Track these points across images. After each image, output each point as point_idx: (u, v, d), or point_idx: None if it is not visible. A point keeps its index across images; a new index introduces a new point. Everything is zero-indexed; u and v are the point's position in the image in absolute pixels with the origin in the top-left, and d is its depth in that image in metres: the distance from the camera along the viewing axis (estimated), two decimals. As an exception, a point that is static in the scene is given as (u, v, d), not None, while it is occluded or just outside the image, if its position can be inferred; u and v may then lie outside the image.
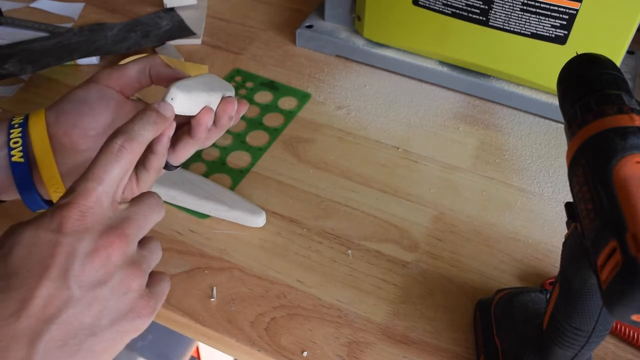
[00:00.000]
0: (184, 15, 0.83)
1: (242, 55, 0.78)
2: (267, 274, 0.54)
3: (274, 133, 0.68)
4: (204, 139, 0.44)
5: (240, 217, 0.57)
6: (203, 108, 0.42)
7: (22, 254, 0.31)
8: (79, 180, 0.34)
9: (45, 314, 0.31)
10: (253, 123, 0.69)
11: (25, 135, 0.43)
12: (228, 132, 0.67)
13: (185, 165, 0.64)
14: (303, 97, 0.72)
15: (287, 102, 0.72)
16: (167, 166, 0.45)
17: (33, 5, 0.86)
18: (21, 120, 0.44)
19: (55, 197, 0.44)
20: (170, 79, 0.45)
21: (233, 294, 0.53)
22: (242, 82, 0.74)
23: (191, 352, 0.94)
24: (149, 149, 0.41)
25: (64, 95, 0.45)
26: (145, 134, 0.36)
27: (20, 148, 0.43)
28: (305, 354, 0.49)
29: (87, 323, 0.32)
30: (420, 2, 0.68)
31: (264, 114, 0.70)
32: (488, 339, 0.47)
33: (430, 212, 0.60)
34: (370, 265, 0.55)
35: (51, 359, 0.31)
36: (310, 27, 0.79)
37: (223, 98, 0.44)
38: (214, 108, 0.44)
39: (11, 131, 0.43)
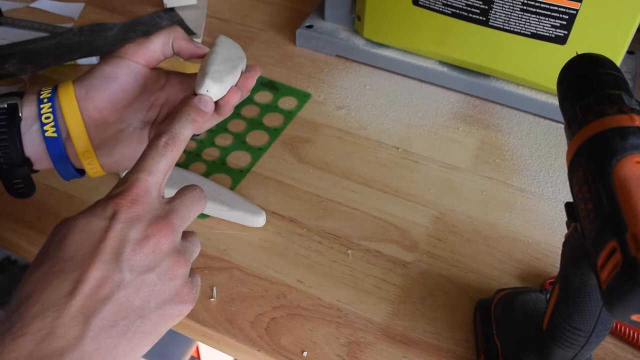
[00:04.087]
0: (184, 15, 0.83)
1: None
2: (267, 274, 0.54)
3: (274, 133, 0.68)
4: (229, 114, 0.47)
5: (240, 217, 0.57)
6: (230, 89, 0.46)
7: (77, 239, 0.34)
8: (130, 172, 0.37)
9: (98, 294, 0.33)
10: (253, 123, 0.69)
11: (55, 110, 0.45)
12: (228, 132, 0.67)
13: (185, 165, 0.64)
14: (303, 97, 0.72)
15: (287, 102, 0.72)
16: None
17: (33, 5, 0.86)
18: (49, 94, 0.46)
19: (88, 169, 0.47)
20: (191, 52, 0.48)
21: (233, 294, 0.53)
22: (242, 82, 0.74)
23: (191, 352, 0.94)
24: None
25: (92, 70, 0.47)
26: (185, 132, 0.40)
27: (53, 123, 0.45)
28: (305, 354, 0.49)
29: (137, 305, 0.34)
30: (420, 2, 0.68)
31: (264, 114, 0.70)
32: (488, 339, 0.47)
33: (430, 212, 0.60)
34: (370, 265, 0.55)
35: (103, 337, 0.33)
36: (310, 27, 0.79)
37: (242, 73, 0.48)
38: (236, 83, 0.47)
39: (41, 106, 0.45)
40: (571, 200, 0.36)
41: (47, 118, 0.45)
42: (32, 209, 0.59)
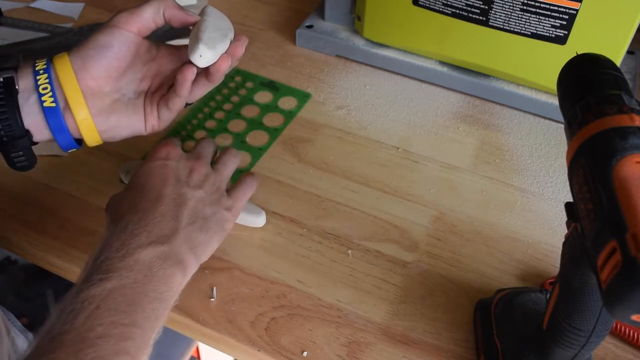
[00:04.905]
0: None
1: (242, 55, 0.78)
2: (267, 274, 0.54)
3: (274, 133, 0.68)
4: (219, 81, 0.51)
5: (241, 217, 0.57)
6: (221, 56, 0.49)
7: (145, 176, 0.48)
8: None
9: (175, 202, 0.46)
10: (253, 123, 0.69)
11: (52, 80, 0.46)
12: (228, 132, 0.67)
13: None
14: (303, 97, 0.72)
15: (287, 102, 0.72)
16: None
17: (33, 5, 0.86)
18: (45, 66, 0.47)
19: (87, 136, 0.49)
20: (182, 20, 0.50)
21: (233, 294, 0.52)
22: (242, 82, 0.74)
23: (191, 352, 0.94)
24: (173, 92, 0.50)
25: (86, 40, 0.48)
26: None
27: (50, 93, 0.46)
28: (305, 354, 0.49)
29: (200, 209, 0.47)
30: (420, 2, 0.68)
31: (264, 114, 0.70)
32: (488, 339, 0.47)
33: (430, 212, 0.60)
34: (370, 265, 0.55)
35: (189, 230, 0.46)
36: (310, 27, 0.79)
37: (231, 42, 0.50)
38: (226, 51, 0.50)
39: (37, 77, 0.46)
40: (571, 200, 0.36)
41: (44, 89, 0.46)
42: (32, 209, 0.59)
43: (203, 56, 0.47)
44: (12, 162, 0.47)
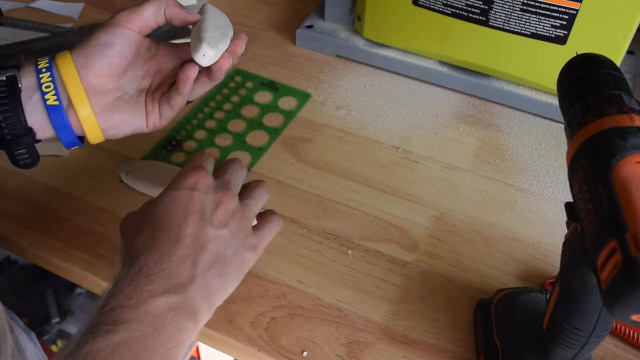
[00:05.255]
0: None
1: (242, 55, 0.77)
2: (267, 273, 0.54)
3: (274, 133, 0.68)
4: (221, 79, 0.51)
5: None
6: (222, 54, 0.48)
7: (167, 206, 0.43)
8: (189, 164, 0.47)
9: (195, 244, 0.42)
10: (253, 123, 0.69)
11: (55, 78, 0.46)
12: (228, 132, 0.67)
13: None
14: (303, 97, 0.72)
15: (287, 102, 0.72)
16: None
17: (33, 5, 0.86)
18: (47, 64, 0.47)
19: (90, 134, 0.49)
20: (183, 19, 0.50)
21: (233, 293, 0.52)
22: (242, 82, 0.74)
23: (191, 352, 0.94)
24: (175, 90, 0.49)
25: (88, 39, 0.48)
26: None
27: (54, 92, 0.46)
28: (305, 354, 0.49)
29: (222, 253, 0.44)
30: (420, 2, 0.68)
31: (264, 114, 0.70)
32: (488, 339, 0.47)
33: (430, 212, 0.60)
34: (370, 265, 0.55)
35: (206, 276, 0.42)
36: (310, 27, 0.79)
37: (231, 40, 0.50)
38: (227, 50, 0.49)
39: (40, 76, 0.46)
40: (571, 200, 0.36)
41: (47, 87, 0.46)
42: (32, 209, 0.59)
43: (206, 55, 0.47)
44: (16, 160, 0.48)
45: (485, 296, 0.51)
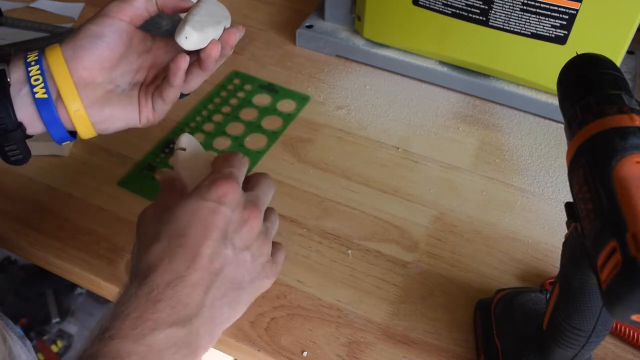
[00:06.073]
0: (183, 15, 0.83)
1: (242, 56, 0.78)
2: (267, 274, 0.54)
3: (272, 136, 0.67)
4: (212, 69, 0.49)
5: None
6: (211, 41, 0.47)
7: (189, 217, 0.41)
8: (221, 167, 0.44)
9: (211, 268, 0.40)
10: (251, 126, 0.69)
11: (44, 71, 0.45)
12: (226, 135, 0.67)
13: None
14: (302, 100, 0.72)
15: (286, 105, 0.71)
16: (180, 95, 0.51)
17: (33, 5, 0.86)
18: (36, 57, 0.46)
19: (81, 129, 0.47)
20: (175, 5, 0.49)
21: (233, 294, 0.52)
22: (241, 85, 0.74)
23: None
24: (167, 83, 0.48)
25: (78, 31, 0.47)
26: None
27: (42, 85, 0.45)
28: (305, 354, 0.49)
29: (238, 279, 0.42)
30: (420, 2, 0.68)
31: (262, 117, 0.70)
32: (488, 339, 0.47)
33: (430, 212, 0.60)
34: (370, 265, 0.55)
35: (215, 306, 0.40)
36: (310, 27, 0.79)
37: (225, 29, 0.49)
38: (218, 39, 0.48)
39: (29, 69, 0.45)
40: (571, 200, 0.36)
41: (36, 80, 0.45)
42: (32, 209, 0.59)
43: (189, 38, 0.46)
44: (6, 156, 0.47)
45: (485, 296, 0.51)
